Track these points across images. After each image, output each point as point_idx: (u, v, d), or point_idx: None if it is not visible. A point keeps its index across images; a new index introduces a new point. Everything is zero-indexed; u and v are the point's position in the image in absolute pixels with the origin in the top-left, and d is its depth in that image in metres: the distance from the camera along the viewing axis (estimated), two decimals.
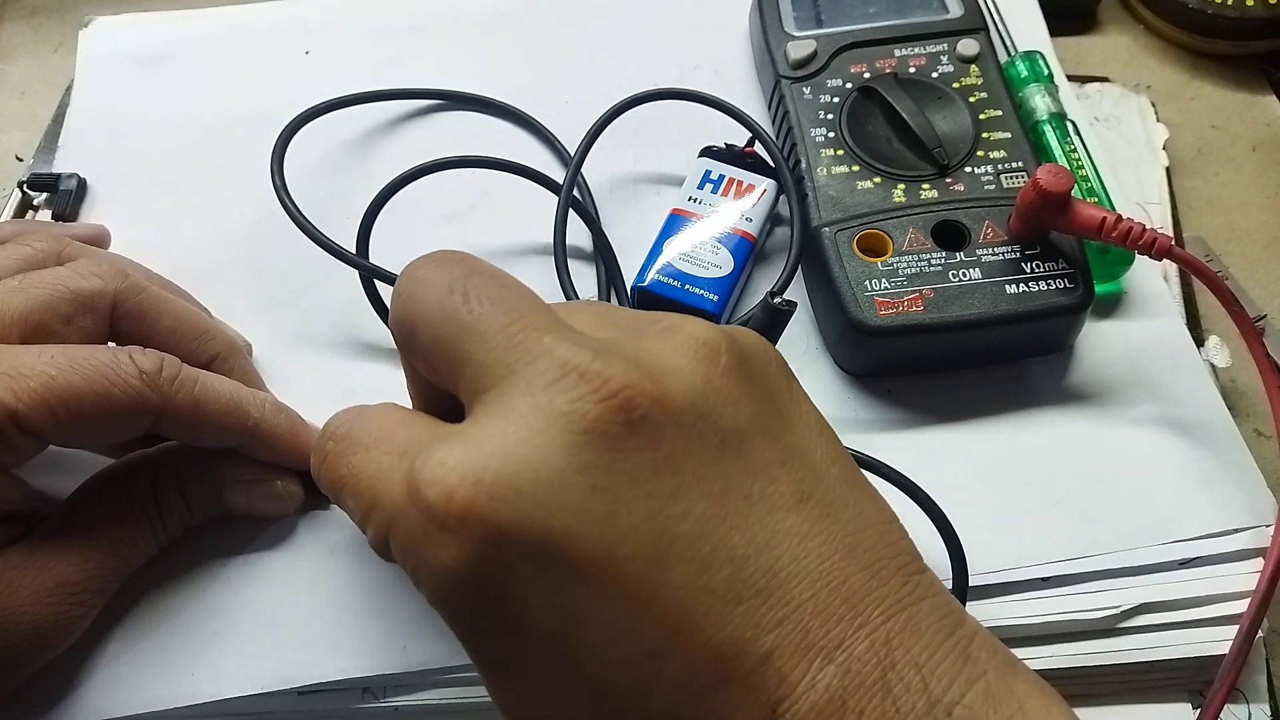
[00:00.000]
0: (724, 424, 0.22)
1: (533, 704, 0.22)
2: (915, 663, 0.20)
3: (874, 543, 0.22)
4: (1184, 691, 0.34)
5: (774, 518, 0.21)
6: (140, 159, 0.46)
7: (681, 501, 0.21)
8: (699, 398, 0.22)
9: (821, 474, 0.23)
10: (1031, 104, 0.43)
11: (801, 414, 0.24)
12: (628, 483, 0.21)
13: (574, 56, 0.49)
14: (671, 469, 0.21)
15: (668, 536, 0.21)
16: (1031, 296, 0.36)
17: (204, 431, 0.31)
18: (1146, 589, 0.33)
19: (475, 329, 0.23)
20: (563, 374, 0.22)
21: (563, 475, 0.21)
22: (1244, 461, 0.36)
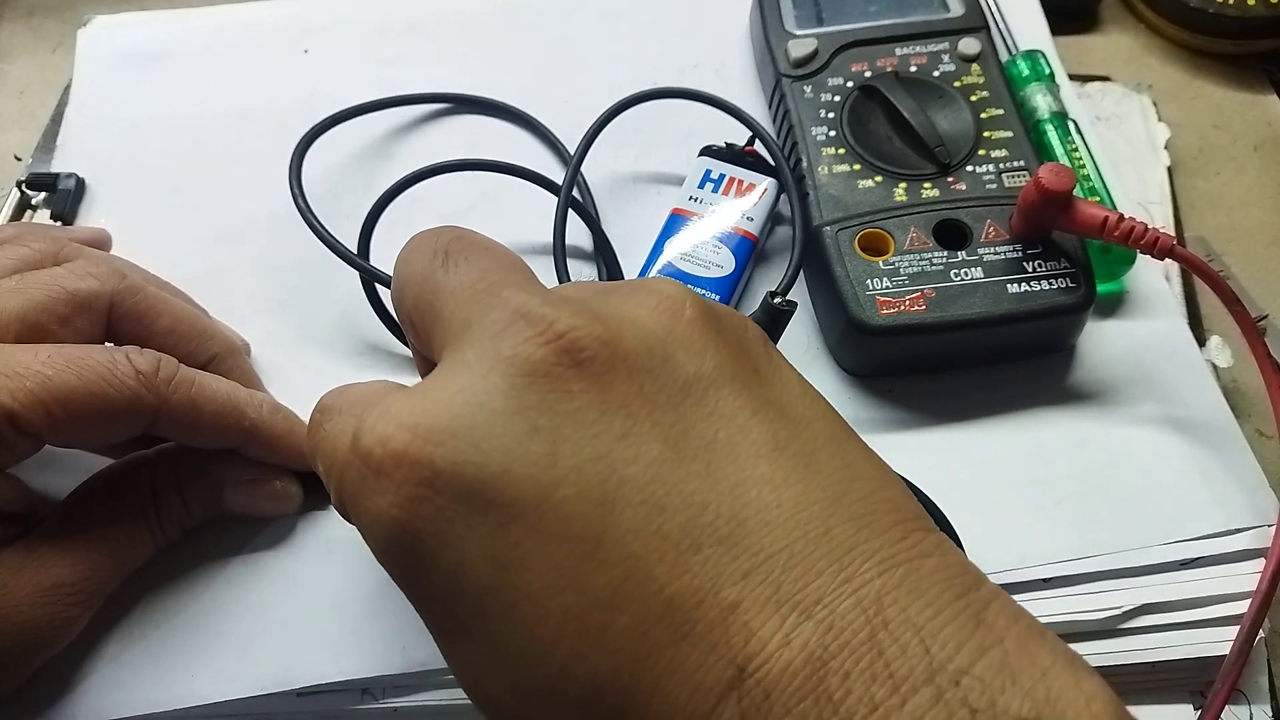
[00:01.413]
0: (687, 370, 0.21)
1: (486, 673, 0.21)
2: (913, 623, 0.18)
3: (865, 494, 0.20)
4: (1185, 692, 0.33)
5: (740, 464, 0.20)
6: (139, 158, 0.46)
7: (632, 445, 0.20)
8: (657, 344, 0.21)
9: (801, 427, 0.21)
10: (1033, 103, 0.43)
11: (780, 374, 0.23)
12: (571, 425, 0.20)
13: (574, 56, 0.49)
14: (622, 412, 0.20)
15: (615, 478, 0.19)
16: (1033, 296, 0.36)
17: (201, 432, 0.31)
18: (1149, 590, 0.33)
19: (447, 287, 0.23)
20: (511, 321, 0.21)
21: (501, 417, 0.20)
22: (1246, 461, 0.36)
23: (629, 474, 0.19)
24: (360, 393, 0.25)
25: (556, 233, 0.40)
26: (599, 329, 0.21)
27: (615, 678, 0.19)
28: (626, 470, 0.19)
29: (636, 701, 0.19)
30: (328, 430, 0.24)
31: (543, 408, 0.20)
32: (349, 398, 0.25)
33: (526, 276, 0.24)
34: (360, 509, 0.21)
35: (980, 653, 0.18)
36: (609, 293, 0.23)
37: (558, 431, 0.20)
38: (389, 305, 0.38)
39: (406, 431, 0.20)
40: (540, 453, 0.20)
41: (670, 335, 0.21)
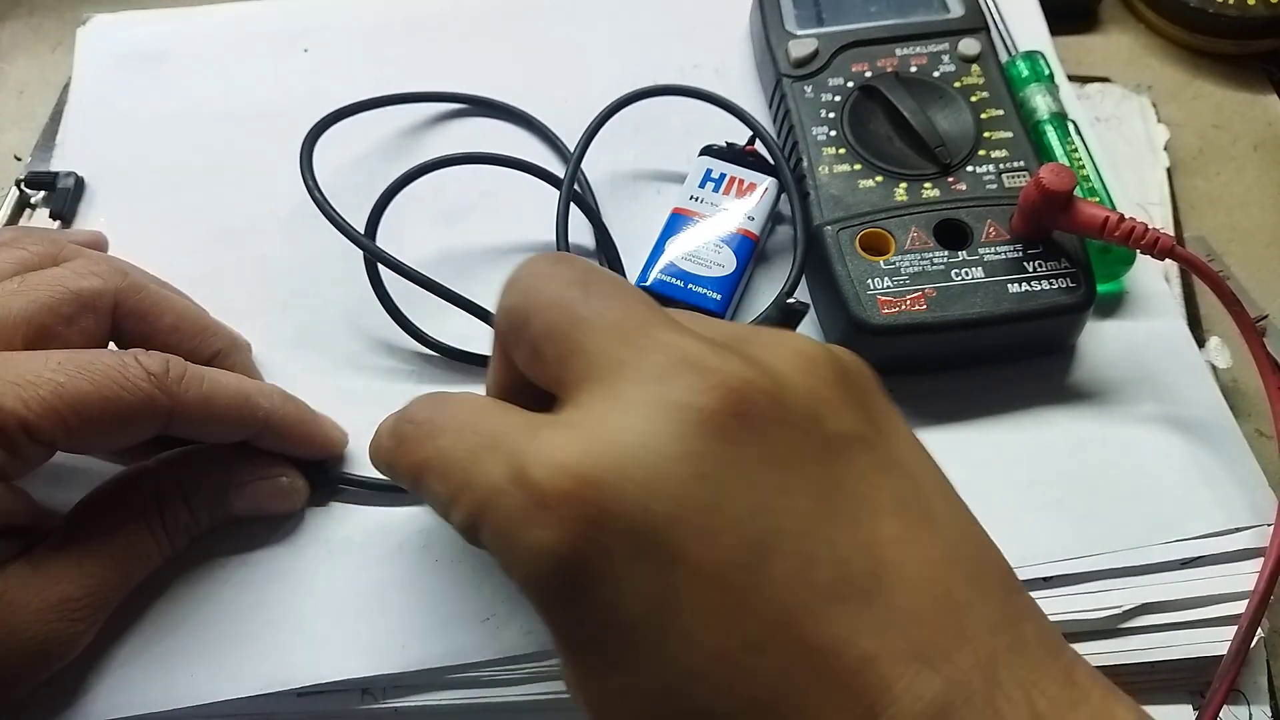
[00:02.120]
0: (828, 428, 0.22)
1: (617, 693, 0.22)
2: (1021, 681, 0.20)
3: (974, 554, 0.23)
4: (1184, 692, 0.33)
5: (876, 521, 0.21)
6: (138, 157, 0.46)
7: (787, 498, 0.21)
8: (807, 400, 0.22)
9: (919, 483, 0.23)
10: (1032, 104, 0.43)
11: (896, 428, 0.24)
12: (735, 474, 0.21)
13: (574, 55, 0.49)
14: (780, 464, 0.21)
15: (772, 530, 0.21)
16: (1034, 296, 0.36)
17: (216, 427, 0.31)
18: (1148, 589, 0.33)
19: (590, 321, 0.23)
20: (677, 366, 0.22)
21: (670, 462, 0.21)
22: (1245, 461, 0.36)
23: (784, 526, 0.21)
24: (472, 413, 0.25)
25: (559, 227, 0.40)
26: (764, 382, 0.22)
27: (754, 714, 0.20)
28: (781, 522, 0.21)
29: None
30: (446, 449, 0.24)
31: (709, 456, 0.21)
32: (460, 417, 0.25)
33: (668, 316, 0.24)
34: (517, 540, 0.22)
35: (1072, 708, 0.21)
36: (751, 341, 0.24)
37: (722, 481, 0.21)
38: (395, 297, 0.38)
39: (576, 468, 0.21)
40: (706, 501, 0.20)
41: (816, 395, 0.23)
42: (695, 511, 0.20)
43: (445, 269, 0.42)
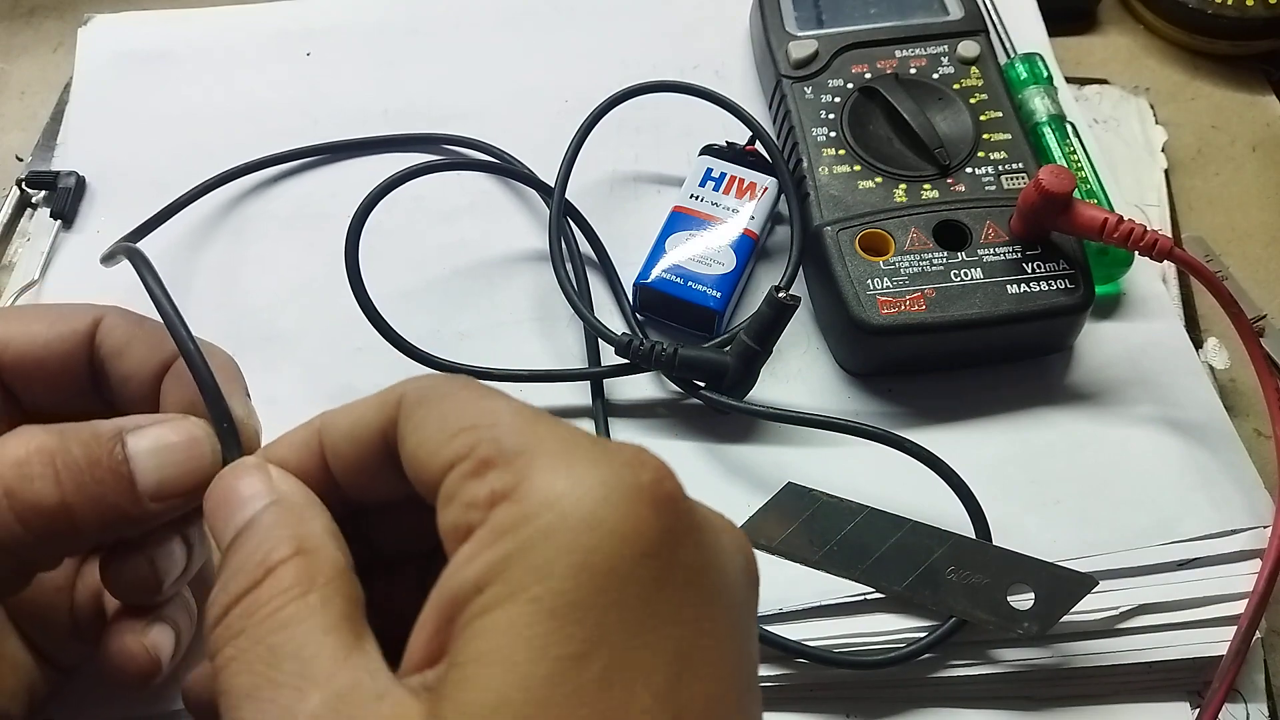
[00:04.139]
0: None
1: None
2: None
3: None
4: (1183, 692, 0.34)
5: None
6: (139, 157, 0.46)
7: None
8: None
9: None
10: (1031, 106, 0.43)
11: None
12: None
13: (574, 56, 0.49)
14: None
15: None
16: (1032, 297, 0.37)
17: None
18: (1146, 590, 0.34)
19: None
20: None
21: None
22: (1242, 463, 0.37)
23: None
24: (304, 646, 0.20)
25: (552, 234, 0.40)
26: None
27: None
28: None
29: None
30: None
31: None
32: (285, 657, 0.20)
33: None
34: None
35: None
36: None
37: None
38: (383, 312, 0.38)
39: None
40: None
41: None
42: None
43: (436, 273, 0.42)
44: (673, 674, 0.18)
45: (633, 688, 0.18)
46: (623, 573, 0.18)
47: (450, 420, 0.21)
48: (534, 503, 0.19)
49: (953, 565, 0.32)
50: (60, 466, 0.24)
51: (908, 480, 0.34)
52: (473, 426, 0.20)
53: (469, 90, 0.48)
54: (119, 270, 0.41)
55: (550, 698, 0.17)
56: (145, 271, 0.27)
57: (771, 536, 0.33)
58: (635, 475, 0.19)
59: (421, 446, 0.21)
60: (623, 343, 0.37)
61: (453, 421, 0.21)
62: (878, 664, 0.33)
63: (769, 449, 0.37)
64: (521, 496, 0.19)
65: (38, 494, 0.24)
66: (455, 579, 0.19)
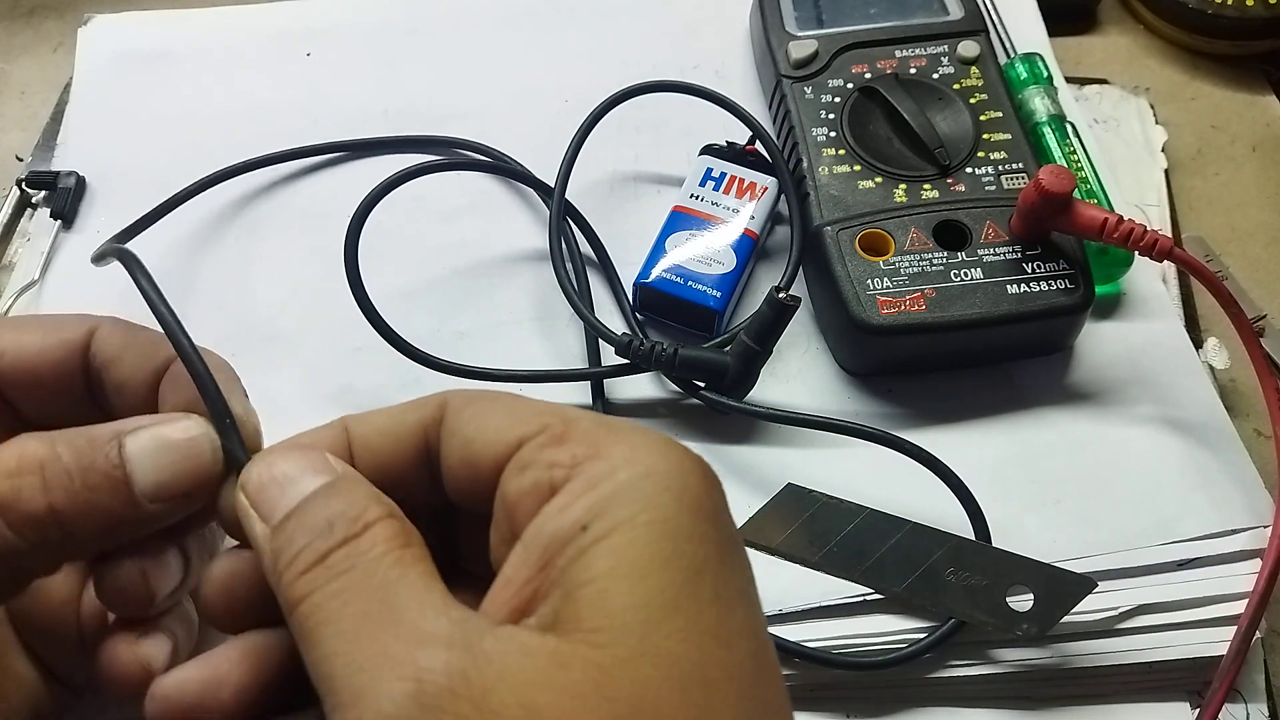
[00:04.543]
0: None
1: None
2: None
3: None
4: (1183, 691, 0.34)
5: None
6: (139, 157, 0.46)
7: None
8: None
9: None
10: (1031, 106, 0.43)
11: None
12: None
13: (574, 56, 0.49)
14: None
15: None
16: (1032, 297, 0.37)
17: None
18: (1146, 590, 0.34)
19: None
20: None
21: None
22: (1242, 463, 0.37)
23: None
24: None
25: (552, 235, 0.40)
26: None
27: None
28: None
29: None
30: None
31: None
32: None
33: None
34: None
35: None
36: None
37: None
38: (382, 312, 0.38)
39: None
40: None
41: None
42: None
43: (436, 273, 0.42)
44: (749, 601, 0.21)
45: (733, 606, 0.20)
46: (688, 532, 0.20)
47: (517, 410, 0.22)
48: (619, 459, 0.21)
49: (952, 566, 0.32)
50: (48, 474, 0.24)
51: (907, 481, 0.34)
52: (540, 413, 0.22)
53: (469, 90, 0.48)
54: (118, 270, 0.41)
55: (679, 604, 0.19)
56: (137, 271, 0.27)
57: (771, 537, 0.33)
58: (686, 457, 0.21)
59: (482, 434, 0.22)
60: (623, 343, 0.37)
61: (519, 411, 0.22)
62: (877, 665, 0.33)
63: (769, 449, 0.37)
64: (606, 456, 0.21)
65: (25, 502, 0.24)
66: (551, 524, 0.20)
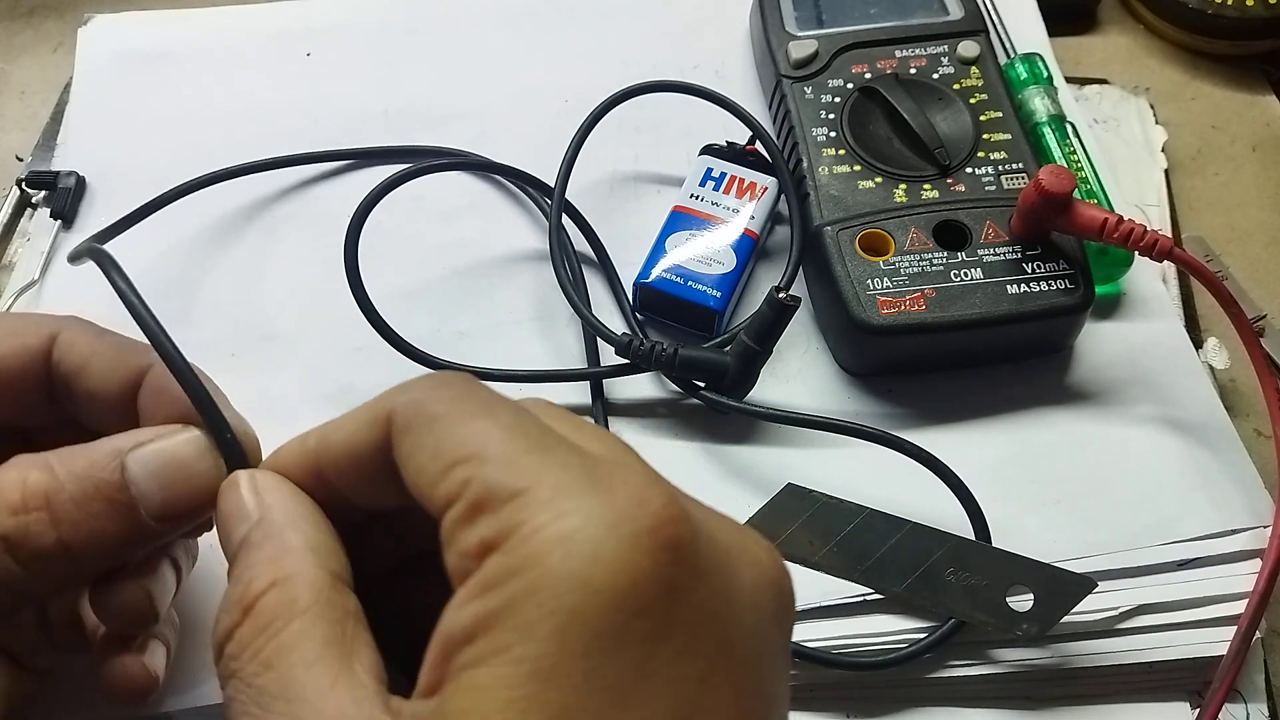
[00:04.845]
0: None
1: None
2: None
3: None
4: (1182, 692, 0.34)
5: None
6: (139, 157, 0.46)
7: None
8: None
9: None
10: (1031, 106, 0.43)
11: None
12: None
13: (574, 56, 0.49)
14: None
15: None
16: (1032, 297, 0.37)
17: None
18: (1146, 590, 0.34)
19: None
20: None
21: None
22: (1242, 463, 0.37)
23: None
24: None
25: (552, 235, 0.40)
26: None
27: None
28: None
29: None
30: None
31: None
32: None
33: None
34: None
35: None
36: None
37: None
38: (382, 312, 0.38)
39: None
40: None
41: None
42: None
43: (436, 273, 0.42)
44: (708, 705, 0.18)
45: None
46: (612, 634, 0.17)
47: (443, 450, 0.20)
48: (521, 556, 0.18)
49: (952, 566, 0.32)
50: (55, 507, 0.24)
51: (908, 481, 0.34)
52: (464, 459, 0.19)
53: (469, 90, 0.48)
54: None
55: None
56: (113, 273, 0.26)
57: (771, 537, 0.33)
58: (635, 520, 0.18)
59: (419, 477, 0.20)
60: (623, 343, 0.37)
61: (445, 452, 0.20)
62: (877, 665, 0.33)
63: (769, 449, 0.37)
64: (511, 548, 0.18)
65: (35, 538, 0.23)
66: (451, 622, 0.18)
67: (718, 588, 0.19)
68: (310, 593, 0.21)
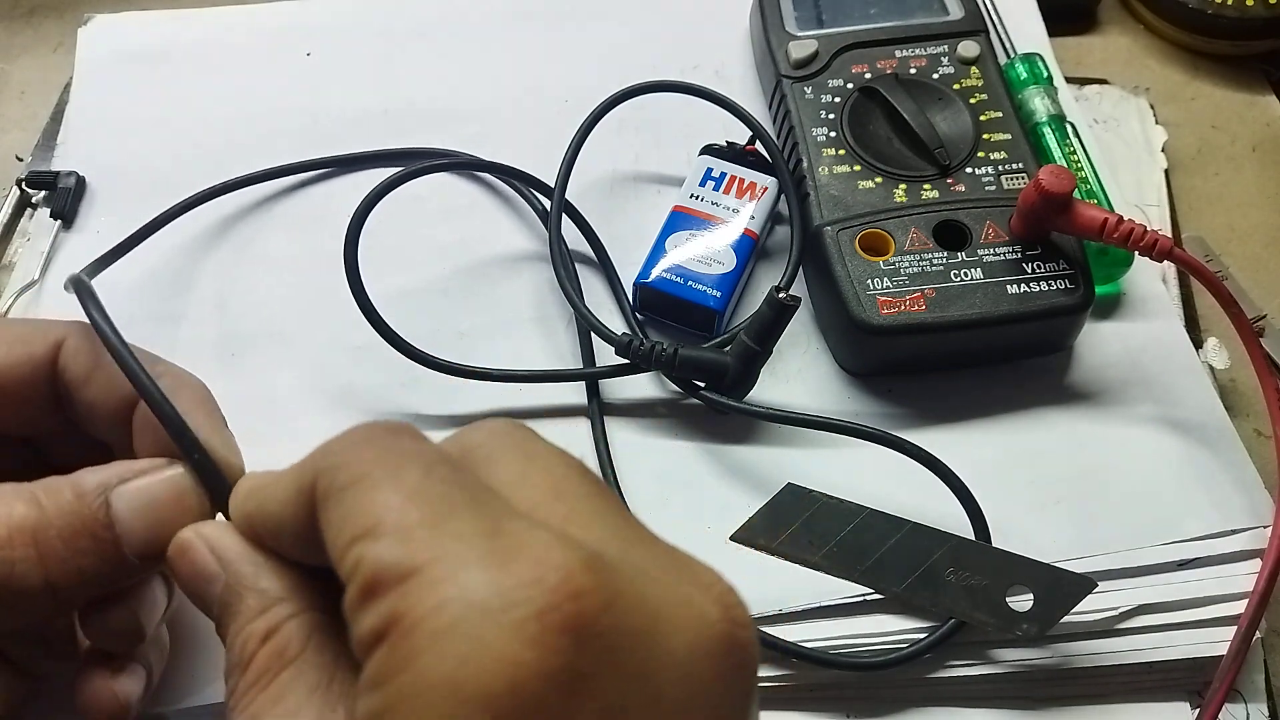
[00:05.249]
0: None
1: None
2: None
3: None
4: (1182, 691, 0.34)
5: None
6: (139, 157, 0.46)
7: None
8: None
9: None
10: (1031, 106, 0.43)
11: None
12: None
13: (574, 56, 0.49)
14: None
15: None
16: (1032, 297, 0.37)
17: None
18: (1146, 590, 0.34)
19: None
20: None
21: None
22: (1242, 463, 0.37)
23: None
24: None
25: (552, 233, 0.40)
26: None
27: None
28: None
29: None
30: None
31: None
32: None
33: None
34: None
35: None
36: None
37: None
38: (382, 312, 0.38)
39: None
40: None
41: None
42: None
43: (436, 273, 0.42)
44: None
45: None
46: (534, 697, 0.15)
47: (346, 524, 0.19)
48: (400, 656, 0.16)
49: (952, 566, 0.32)
50: (41, 545, 0.23)
51: (908, 481, 0.34)
52: (361, 535, 0.18)
53: (469, 90, 0.48)
54: (119, 270, 0.41)
55: None
56: (92, 308, 0.26)
57: (771, 537, 0.33)
58: (527, 601, 0.16)
59: (331, 553, 0.19)
60: (623, 343, 0.37)
61: (348, 526, 0.19)
62: (877, 665, 0.33)
63: (769, 449, 0.37)
64: (393, 644, 0.17)
65: (20, 578, 0.23)
66: (356, 706, 0.18)
67: (633, 667, 0.17)
68: (300, 640, 0.21)
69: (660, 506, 0.36)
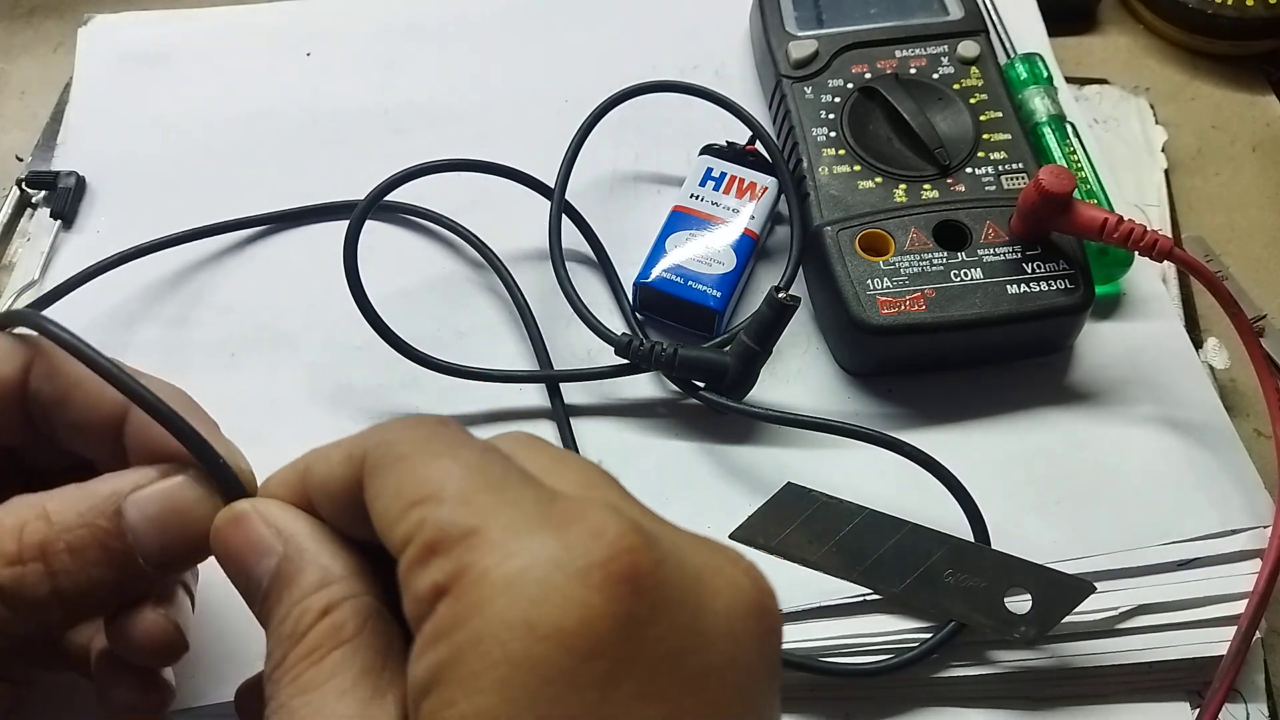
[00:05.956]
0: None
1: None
2: None
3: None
4: (1182, 691, 0.34)
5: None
6: (139, 157, 0.46)
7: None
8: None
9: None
10: (1031, 106, 0.43)
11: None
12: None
13: (574, 56, 0.49)
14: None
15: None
16: (1032, 297, 0.37)
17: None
18: (1146, 590, 0.34)
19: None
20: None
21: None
22: (1242, 463, 0.37)
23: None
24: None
25: (552, 233, 0.40)
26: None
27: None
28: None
29: None
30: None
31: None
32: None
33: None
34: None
35: None
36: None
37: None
38: (382, 312, 0.38)
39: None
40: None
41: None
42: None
43: (436, 273, 0.42)
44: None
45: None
46: (561, 680, 0.17)
47: (403, 491, 0.20)
48: (468, 603, 0.17)
49: (951, 568, 0.32)
50: (51, 558, 0.23)
51: (907, 482, 0.34)
52: (422, 500, 0.19)
53: (469, 90, 0.48)
54: (118, 273, 0.41)
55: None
56: (66, 335, 0.24)
57: (770, 537, 0.33)
58: (587, 554, 0.17)
59: (382, 519, 0.20)
60: (623, 343, 0.37)
61: (405, 493, 0.19)
62: (875, 672, 0.33)
63: (769, 449, 0.37)
64: (459, 593, 0.18)
65: (29, 589, 0.23)
66: (412, 674, 0.18)
67: (684, 619, 0.18)
68: (357, 621, 0.21)
69: (660, 506, 0.35)
